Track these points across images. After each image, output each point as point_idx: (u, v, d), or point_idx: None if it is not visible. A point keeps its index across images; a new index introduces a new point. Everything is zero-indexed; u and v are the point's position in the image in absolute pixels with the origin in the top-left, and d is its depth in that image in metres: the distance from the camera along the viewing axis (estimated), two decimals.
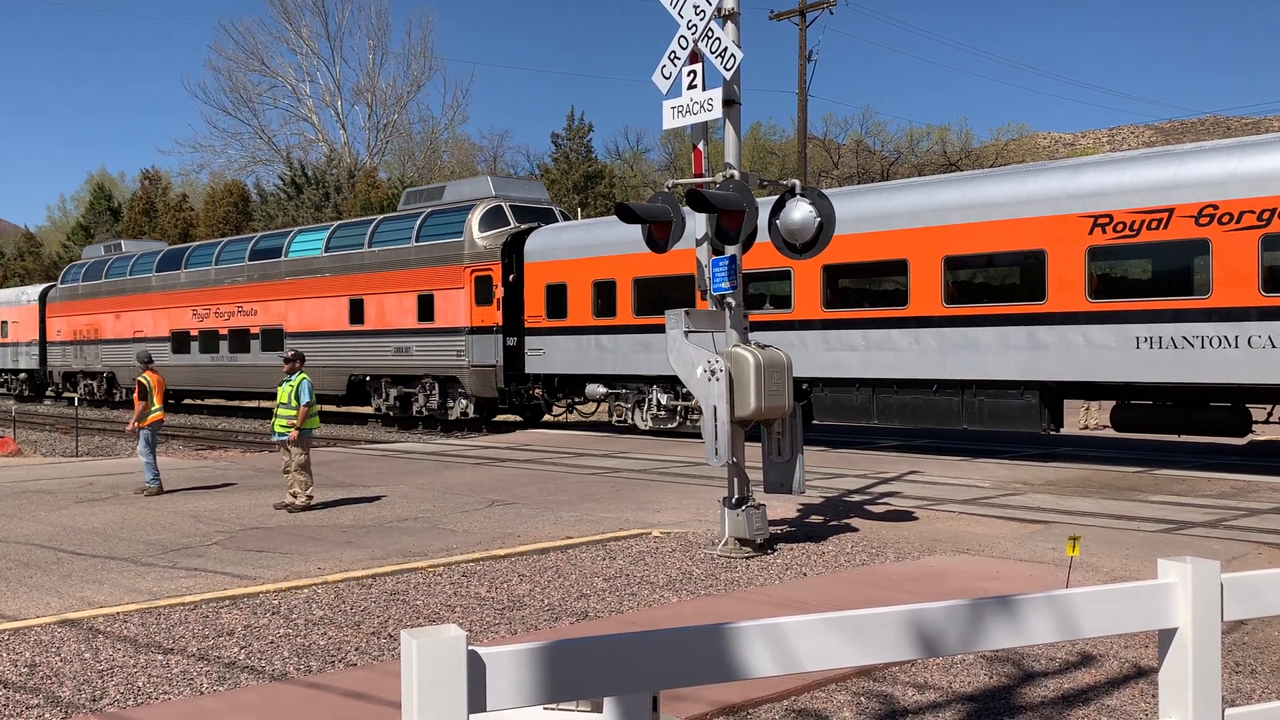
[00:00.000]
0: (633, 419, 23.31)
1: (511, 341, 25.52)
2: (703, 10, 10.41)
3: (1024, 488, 14.68)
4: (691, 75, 10.65)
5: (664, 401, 22.65)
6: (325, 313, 30.63)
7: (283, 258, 32.45)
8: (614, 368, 23.23)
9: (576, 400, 25.86)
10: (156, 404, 15.44)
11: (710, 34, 10.44)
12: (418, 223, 28.17)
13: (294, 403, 13.83)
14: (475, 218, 26.56)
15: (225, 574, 9.79)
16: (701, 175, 10.87)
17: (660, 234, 11.15)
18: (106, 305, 40.64)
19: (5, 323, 48.28)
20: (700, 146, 11.01)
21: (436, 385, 27.39)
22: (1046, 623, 3.65)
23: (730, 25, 10.60)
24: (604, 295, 23.56)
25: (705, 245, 10.77)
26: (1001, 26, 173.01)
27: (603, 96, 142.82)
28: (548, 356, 24.69)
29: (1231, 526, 11.67)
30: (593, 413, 27.35)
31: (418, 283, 27.66)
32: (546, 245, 25.00)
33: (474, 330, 26.04)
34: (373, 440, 26.00)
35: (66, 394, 44.21)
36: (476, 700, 2.87)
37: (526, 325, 25.28)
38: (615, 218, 21.52)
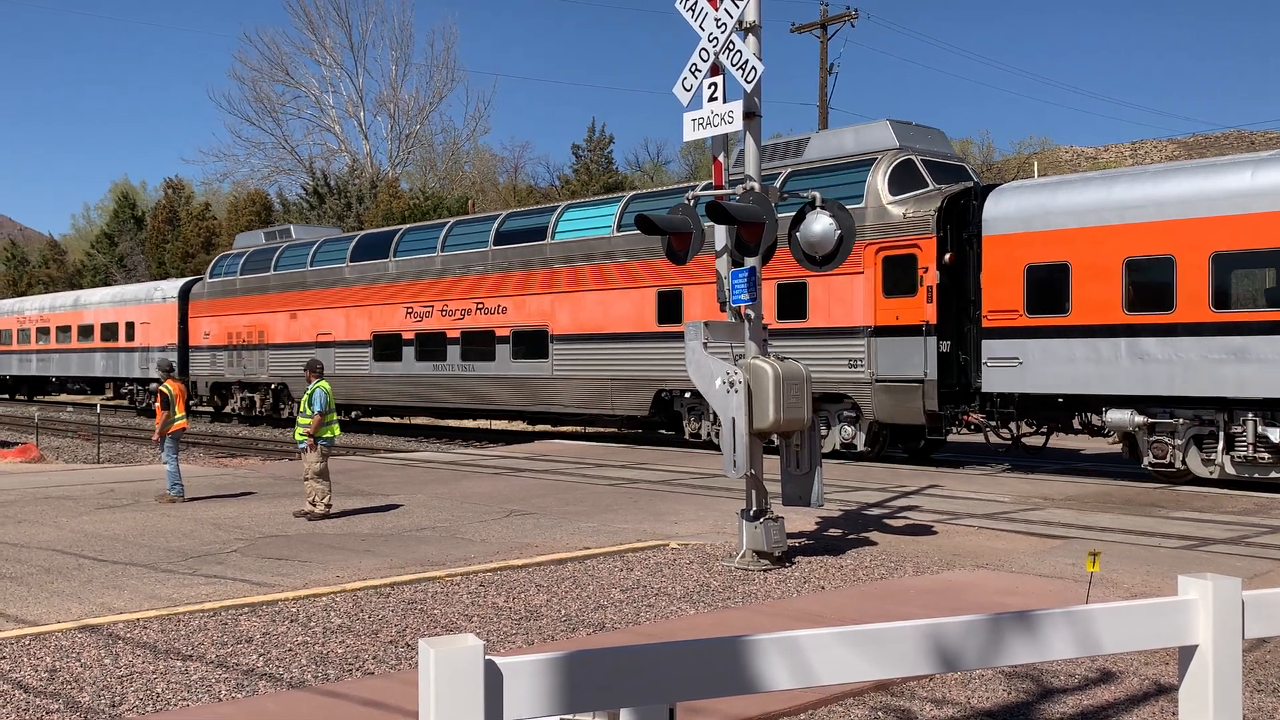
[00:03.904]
0: (1185, 460, 16.32)
1: (944, 347, 18.73)
2: (724, 23, 10.43)
3: (1044, 502, 14.60)
4: (712, 87, 10.67)
5: (1274, 437, 15.41)
6: (617, 309, 23.77)
7: (547, 240, 25.55)
8: (1164, 386, 16.16)
9: (1040, 429, 18.77)
10: (179, 412, 15.55)
11: (731, 46, 10.46)
12: (775, 188, 21.63)
13: (309, 411, 13.95)
14: (881, 177, 19.57)
15: (244, 581, 9.83)
16: (722, 187, 10.89)
17: (680, 245, 11.19)
18: (276, 302, 33.79)
19: (131, 324, 41.79)
20: (720, 158, 11.03)
21: None
22: (1066, 639, 3.63)
23: (751, 38, 10.62)
24: (1147, 279, 16.61)
25: (725, 257, 10.79)
26: (1024, 40, 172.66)
27: (623, 108, 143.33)
28: (1029, 368, 17.58)
29: (1253, 544, 11.58)
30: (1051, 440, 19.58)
31: (777, 267, 19.75)
32: (1028, 210, 17.78)
33: (880, 331, 19.25)
34: (392, 449, 26.04)
35: (203, 409, 37.84)
36: (493, 710, 2.87)
37: (987, 324, 18.16)
38: (1152, 168, 17.05)
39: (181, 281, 40.87)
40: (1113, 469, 18.87)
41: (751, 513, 10.48)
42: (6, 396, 55.40)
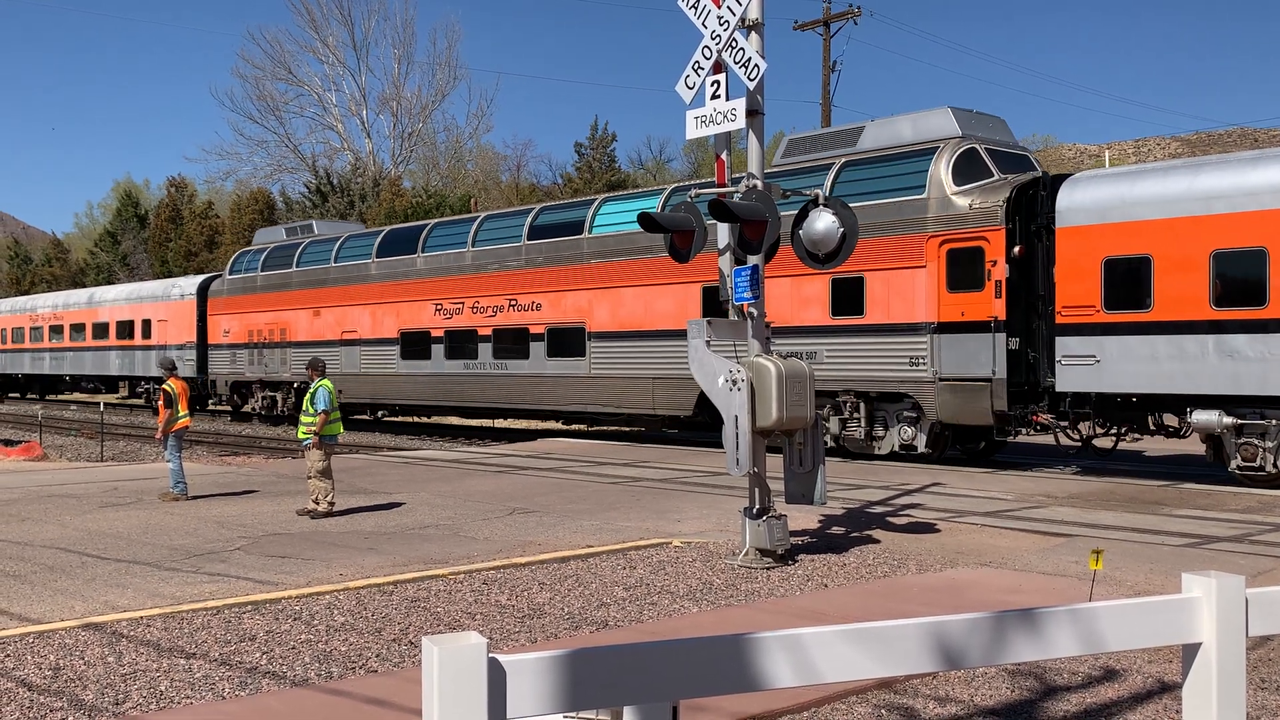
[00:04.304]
0: (1277, 463, 15.53)
1: (1013, 344, 17.81)
2: (727, 20, 10.43)
3: (1047, 500, 14.59)
4: (715, 85, 10.67)
5: None
6: (659, 305, 22.81)
7: (584, 234, 24.58)
8: (1255, 385, 15.34)
9: (1110, 430, 17.74)
10: (182, 410, 15.57)
11: (734, 44, 10.45)
12: (828, 180, 19.88)
13: (312, 410, 13.96)
14: (944, 167, 18.73)
15: (248, 579, 9.84)
16: (724, 185, 10.89)
17: (683, 243, 11.19)
18: (299, 299, 32.89)
19: (148, 321, 40.93)
20: (723, 156, 11.03)
21: (861, 405, 19.72)
22: (1069, 636, 3.62)
23: (754, 35, 10.61)
24: (1236, 272, 15.70)
25: (728, 255, 10.79)
26: (1027, 37, 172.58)
27: (626, 106, 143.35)
28: (1106, 367, 16.74)
29: (1257, 541, 11.57)
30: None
31: None
32: (1105, 201, 17.02)
33: (944, 327, 18.37)
34: (395, 448, 26.04)
35: (222, 408, 37.18)
36: (497, 708, 2.87)
37: (1061, 320, 17.33)
38: (1242, 155, 16.64)
39: (200, 278, 39.84)
40: (1189, 472, 18.45)
41: (754, 511, 10.48)
42: (17, 395, 54.26)
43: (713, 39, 10.56)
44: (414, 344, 28.73)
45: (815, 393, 19.40)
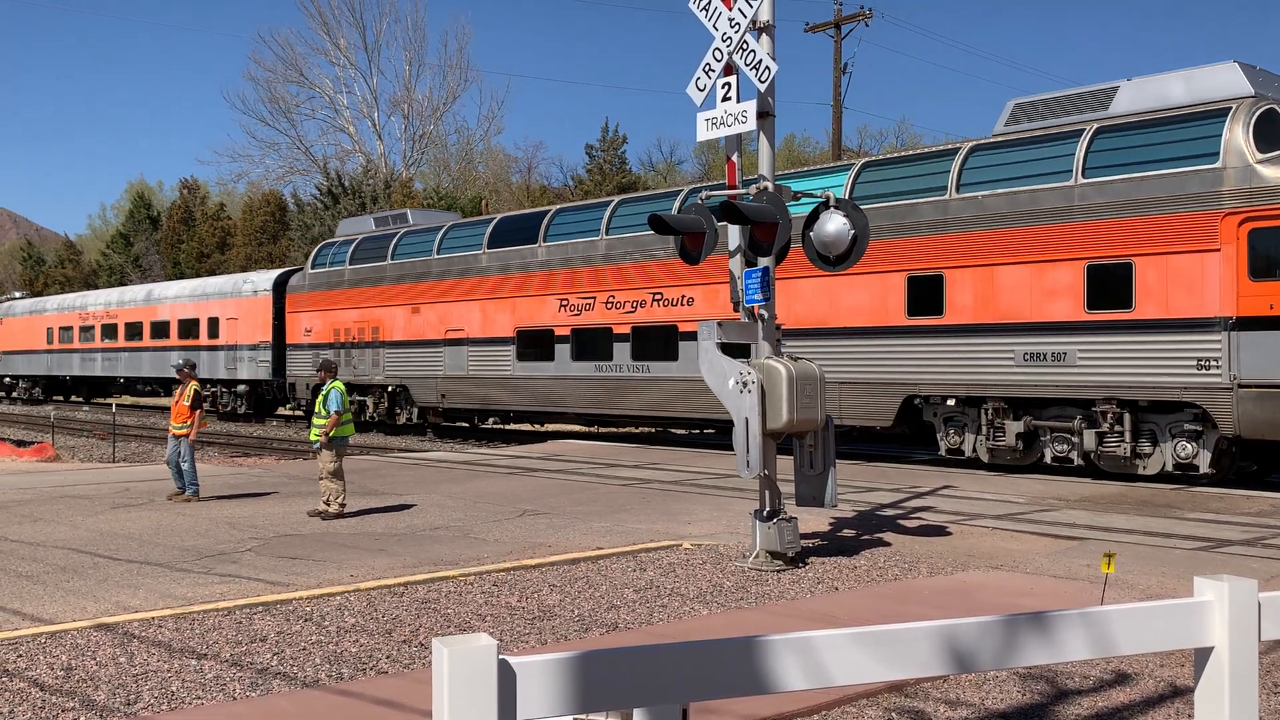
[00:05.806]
0: None
1: None
2: (738, 23, 10.43)
3: (1059, 503, 14.54)
4: (726, 87, 10.67)
5: None
6: (849, 299, 19.77)
7: None
8: None
9: None
10: (203, 411, 15.71)
11: (745, 46, 10.45)
12: (1079, 148, 17.29)
13: (324, 411, 14.01)
14: (1241, 131, 15.77)
15: (259, 580, 9.86)
16: (735, 187, 10.89)
17: (693, 245, 11.20)
18: (394, 295, 30.10)
19: (215, 319, 38.30)
20: (734, 158, 11.02)
21: (1126, 415, 16.78)
22: (1081, 640, 3.61)
23: (765, 37, 10.61)
24: None
25: (738, 257, 10.78)
26: (1036, 38, 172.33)
27: (637, 108, 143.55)
28: None
29: (1270, 545, 11.51)
30: None
31: (1087, 244, 16.96)
32: None
33: (1246, 323, 15.46)
34: (405, 449, 26.08)
35: (295, 413, 34.72)
36: (507, 709, 2.88)
37: None
38: None
39: (276, 272, 37.42)
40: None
41: (765, 513, 10.47)
42: (61, 399, 51.25)
43: (724, 41, 10.57)
44: (533, 344, 26.10)
45: (1066, 401, 18.20)
